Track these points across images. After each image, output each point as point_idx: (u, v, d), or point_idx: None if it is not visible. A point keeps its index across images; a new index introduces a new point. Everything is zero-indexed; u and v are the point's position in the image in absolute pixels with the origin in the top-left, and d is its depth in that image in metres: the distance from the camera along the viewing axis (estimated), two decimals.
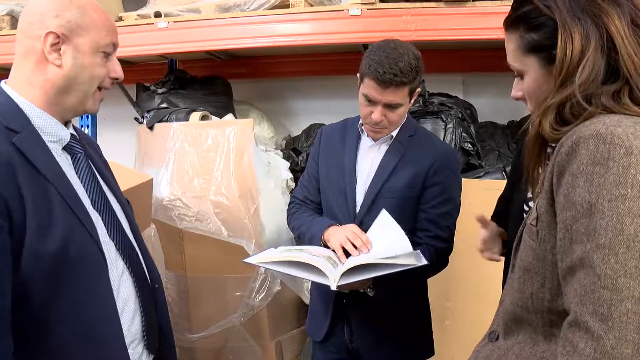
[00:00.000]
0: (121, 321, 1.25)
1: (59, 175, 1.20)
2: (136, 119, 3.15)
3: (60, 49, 1.20)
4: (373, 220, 1.73)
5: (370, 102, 1.65)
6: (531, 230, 0.98)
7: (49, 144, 1.21)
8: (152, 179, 2.38)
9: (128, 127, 3.37)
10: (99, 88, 1.29)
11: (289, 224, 1.95)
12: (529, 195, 1.42)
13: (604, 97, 0.90)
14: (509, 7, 1.07)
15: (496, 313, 1.11)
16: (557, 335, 0.95)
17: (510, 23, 1.04)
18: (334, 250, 1.66)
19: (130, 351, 1.28)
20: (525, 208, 1.44)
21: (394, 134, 1.77)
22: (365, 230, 1.71)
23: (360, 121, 1.79)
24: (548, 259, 0.94)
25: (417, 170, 1.73)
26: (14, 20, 3.02)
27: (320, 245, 1.72)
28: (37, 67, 1.21)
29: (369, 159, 1.80)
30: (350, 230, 1.65)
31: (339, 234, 1.65)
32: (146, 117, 2.92)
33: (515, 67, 1.05)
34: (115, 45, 1.30)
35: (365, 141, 1.82)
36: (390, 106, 1.65)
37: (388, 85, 1.59)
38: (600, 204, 0.82)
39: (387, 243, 1.62)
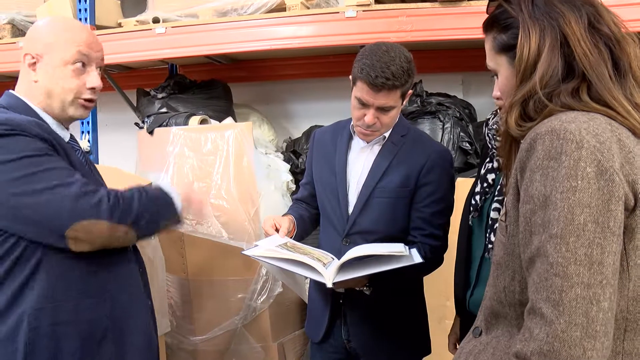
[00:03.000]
0: None
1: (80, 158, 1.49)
2: (137, 124, 3.17)
3: (35, 68, 1.44)
4: (366, 221, 1.75)
5: (363, 105, 1.66)
6: (501, 225, 1.02)
7: None
8: (151, 184, 2.39)
9: (129, 132, 3.40)
10: (81, 98, 1.48)
11: None
12: (477, 189, 1.49)
13: (564, 94, 0.95)
14: None
15: (480, 309, 1.13)
16: None
17: (486, 25, 1.11)
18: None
19: None
20: (472, 202, 1.50)
21: (387, 134, 1.78)
22: (358, 231, 1.73)
23: (352, 123, 1.79)
24: (516, 252, 0.98)
25: (410, 169, 1.74)
26: (14, 28, 3.05)
27: None
28: (28, 84, 1.46)
29: (362, 160, 1.81)
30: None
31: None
32: (146, 122, 2.94)
33: (490, 67, 1.11)
34: (88, 57, 1.46)
35: (357, 142, 1.83)
36: (383, 109, 1.66)
37: (380, 89, 1.60)
38: (554, 196, 0.87)
39: (381, 245, 1.64)
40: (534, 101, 0.97)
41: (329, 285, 1.49)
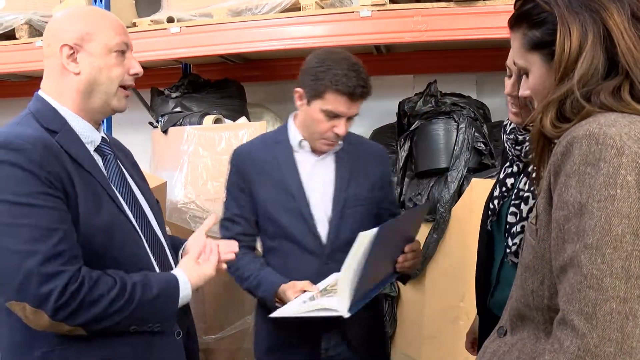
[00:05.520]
0: None
1: (99, 171, 1.33)
2: (151, 123, 3.19)
3: (76, 58, 1.32)
4: (347, 232, 1.68)
5: (334, 117, 1.63)
6: (531, 228, 0.98)
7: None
8: (165, 182, 2.41)
9: (143, 132, 3.41)
10: (123, 87, 1.38)
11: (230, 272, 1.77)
12: (496, 193, 1.47)
13: (603, 94, 0.90)
14: None
15: (505, 309, 1.12)
16: None
17: (514, 21, 1.05)
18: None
19: None
20: (491, 206, 1.50)
21: (341, 142, 1.76)
22: (341, 245, 1.67)
23: (312, 137, 1.71)
24: (547, 257, 0.94)
25: (373, 178, 1.81)
26: (32, 28, 3.08)
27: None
28: (61, 80, 1.33)
29: (319, 174, 1.76)
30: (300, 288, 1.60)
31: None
32: (160, 121, 2.96)
33: (520, 65, 1.06)
34: (127, 44, 1.39)
35: (306, 157, 1.76)
36: (351, 117, 1.67)
37: (358, 98, 1.61)
38: (590, 205, 0.83)
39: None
40: (572, 101, 0.92)
41: (346, 315, 1.43)
